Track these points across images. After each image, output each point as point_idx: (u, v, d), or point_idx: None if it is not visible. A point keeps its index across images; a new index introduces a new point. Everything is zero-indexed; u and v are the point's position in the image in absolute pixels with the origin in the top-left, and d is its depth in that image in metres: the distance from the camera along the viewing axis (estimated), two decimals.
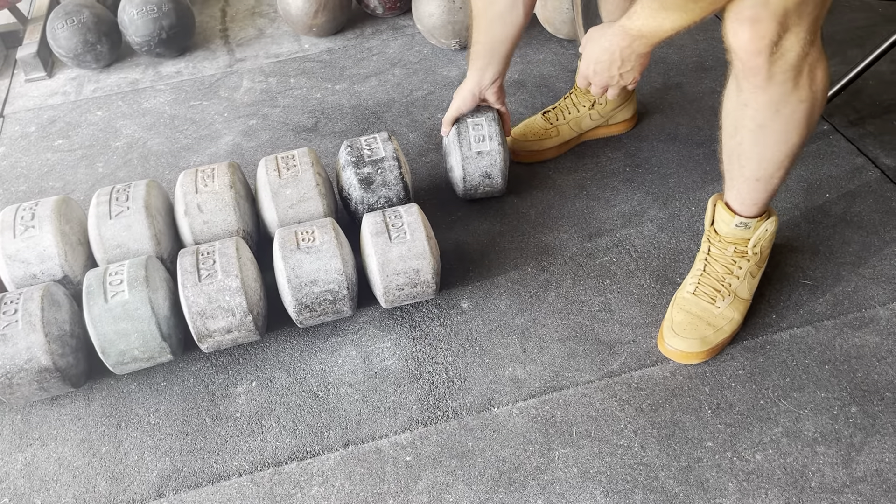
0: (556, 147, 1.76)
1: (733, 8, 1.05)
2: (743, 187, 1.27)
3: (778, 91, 1.09)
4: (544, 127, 1.75)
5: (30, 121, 2.09)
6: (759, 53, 1.05)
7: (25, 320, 1.27)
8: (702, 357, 1.31)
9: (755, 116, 1.14)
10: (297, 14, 2.18)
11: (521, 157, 1.77)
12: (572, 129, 1.75)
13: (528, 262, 1.54)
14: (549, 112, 1.77)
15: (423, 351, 1.40)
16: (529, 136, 1.75)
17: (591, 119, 1.75)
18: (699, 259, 1.38)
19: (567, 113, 1.75)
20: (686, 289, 1.37)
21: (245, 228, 1.48)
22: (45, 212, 1.43)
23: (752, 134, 1.17)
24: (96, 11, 2.17)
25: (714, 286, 1.34)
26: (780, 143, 1.17)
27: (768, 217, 1.32)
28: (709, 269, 1.36)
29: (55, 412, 1.36)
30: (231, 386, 1.38)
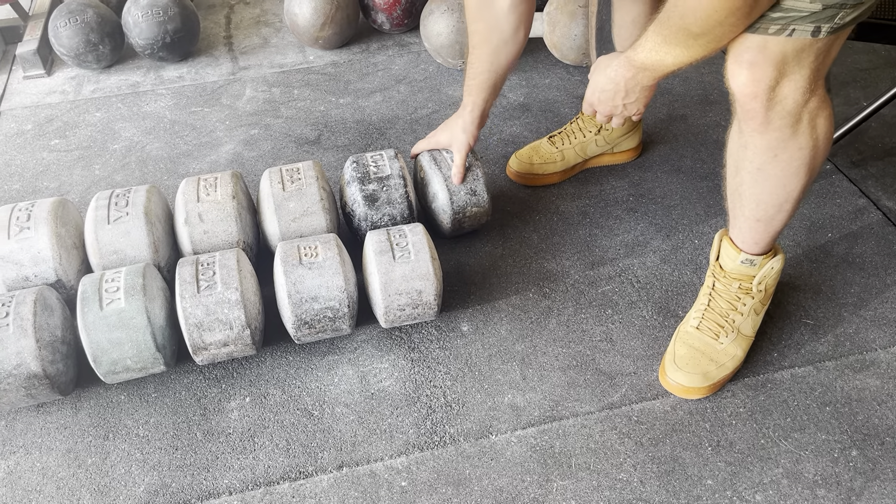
0: (561, 172, 1.76)
1: (733, 50, 1.06)
2: (744, 226, 1.27)
3: (775, 136, 1.10)
4: (549, 151, 1.75)
5: (26, 118, 2.05)
6: (756, 97, 1.05)
7: (17, 324, 1.24)
8: (703, 392, 1.30)
9: (754, 159, 1.15)
10: (304, 25, 2.16)
11: (526, 181, 1.76)
12: (577, 154, 1.75)
13: (529, 287, 1.52)
14: (555, 136, 1.77)
15: (422, 373, 1.37)
16: (535, 160, 1.75)
17: (597, 145, 1.75)
18: (703, 293, 1.38)
19: (573, 138, 1.75)
20: (689, 323, 1.36)
21: (246, 240, 1.46)
22: (41, 213, 1.40)
23: (751, 175, 1.17)
24: (100, 11, 2.14)
25: (718, 322, 1.33)
26: (778, 188, 1.17)
27: (774, 255, 1.31)
28: (713, 304, 1.35)
29: (41, 420, 1.32)
30: (224, 400, 1.35)
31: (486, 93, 1.48)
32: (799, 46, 1.01)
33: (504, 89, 2.07)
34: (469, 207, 1.53)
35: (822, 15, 0.98)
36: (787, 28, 0.99)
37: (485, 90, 1.48)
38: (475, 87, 1.48)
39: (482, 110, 1.51)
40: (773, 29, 1.00)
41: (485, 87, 1.47)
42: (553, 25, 2.05)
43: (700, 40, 1.05)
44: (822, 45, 1.01)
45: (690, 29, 1.03)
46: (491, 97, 1.50)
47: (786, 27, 0.99)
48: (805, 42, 1.00)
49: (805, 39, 1.00)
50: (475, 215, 1.55)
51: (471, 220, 1.55)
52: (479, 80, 1.47)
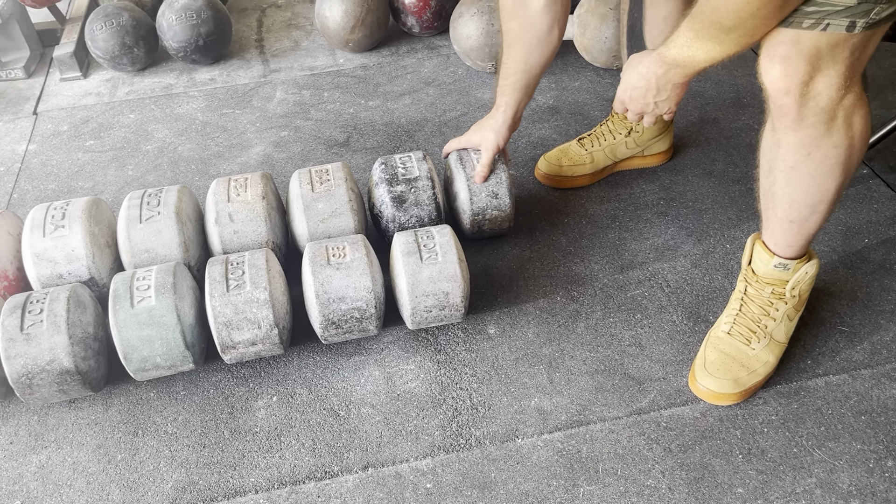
0: (590, 174, 1.74)
1: (767, 45, 1.04)
2: (777, 228, 1.24)
3: (809, 133, 1.08)
4: (579, 153, 1.74)
5: (63, 119, 2.09)
6: (789, 92, 1.04)
7: (51, 321, 1.26)
8: (734, 399, 1.28)
9: (787, 157, 1.12)
10: (334, 28, 2.18)
11: (554, 183, 1.75)
12: (607, 156, 1.74)
13: (557, 290, 1.51)
14: (585, 138, 1.76)
15: (448, 375, 1.37)
16: (564, 162, 1.74)
17: (627, 147, 1.73)
18: (735, 298, 1.35)
19: (603, 140, 1.73)
20: (720, 328, 1.34)
21: (275, 240, 1.47)
22: (75, 212, 1.42)
23: (784, 175, 1.15)
24: (135, 15, 2.18)
25: (750, 327, 1.31)
26: (811, 187, 1.14)
27: (808, 260, 1.29)
28: (745, 309, 1.32)
29: (72, 415, 1.34)
30: (251, 399, 1.35)
31: (519, 93, 1.48)
32: (833, 41, 0.99)
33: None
34: (489, 210, 1.52)
35: (857, 10, 0.96)
36: (821, 22, 0.97)
37: (518, 91, 1.47)
38: (508, 88, 1.47)
39: (515, 111, 1.50)
40: (807, 23, 0.98)
41: (518, 87, 1.47)
42: (583, 28, 2.04)
43: (732, 34, 1.03)
44: (858, 40, 0.99)
45: (722, 23, 1.02)
46: (524, 98, 1.49)
47: (820, 21, 0.97)
48: (840, 37, 0.98)
49: (840, 34, 0.98)
50: (495, 219, 1.54)
51: (491, 223, 1.54)
52: (511, 81, 1.46)
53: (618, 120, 1.73)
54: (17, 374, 1.25)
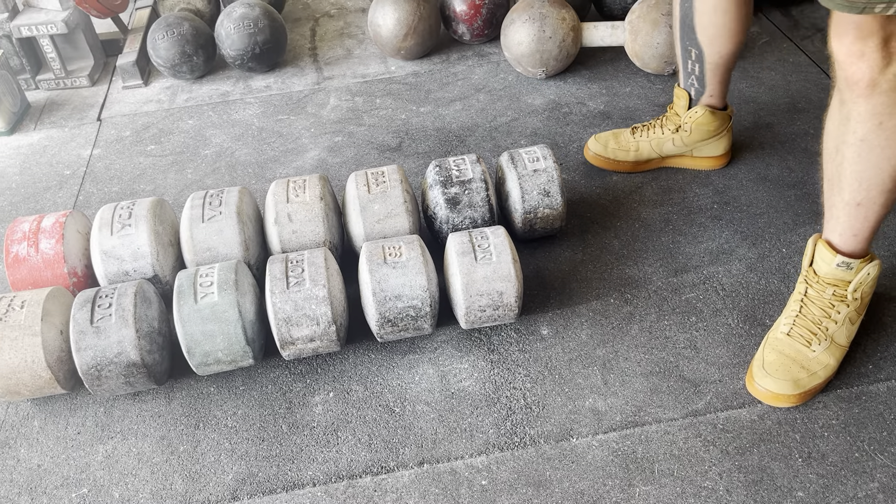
0: (632, 163, 1.77)
1: (837, 17, 1.03)
2: (842, 215, 1.21)
3: (882, 101, 1.05)
4: (627, 140, 1.77)
5: (125, 125, 2.16)
6: (863, 56, 1.02)
7: (119, 314, 1.30)
8: (793, 401, 1.26)
9: (857, 129, 1.09)
10: (387, 36, 2.22)
11: (598, 163, 1.80)
12: (653, 149, 1.75)
13: (610, 293, 1.51)
14: (638, 128, 1.79)
15: (501, 375, 1.38)
16: (611, 145, 1.78)
17: (674, 144, 1.74)
18: (794, 300, 1.33)
19: (651, 132, 1.76)
20: (780, 329, 1.32)
21: (332, 240, 1.50)
22: (141, 211, 1.47)
23: (854, 150, 1.12)
24: (195, 24, 2.25)
25: (810, 329, 1.29)
26: (882, 160, 1.11)
27: (871, 261, 1.27)
28: (805, 310, 1.30)
29: (137, 407, 1.39)
30: (308, 395, 1.38)
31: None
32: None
33: (583, 97, 2.07)
34: (541, 208, 1.53)
35: None
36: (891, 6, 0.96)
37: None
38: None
39: None
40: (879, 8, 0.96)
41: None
42: (635, 34, 2.04)
43: None
44: None
45: None
46: None
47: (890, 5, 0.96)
48: None
49: None
50: (547, 217, 1.55)
51: (542, 221, 1.56)
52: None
53: (672, 115, 1.74)
54: (86, 365, 1.29)
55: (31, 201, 1.91)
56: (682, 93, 1.70)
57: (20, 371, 1.30)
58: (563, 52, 2.06)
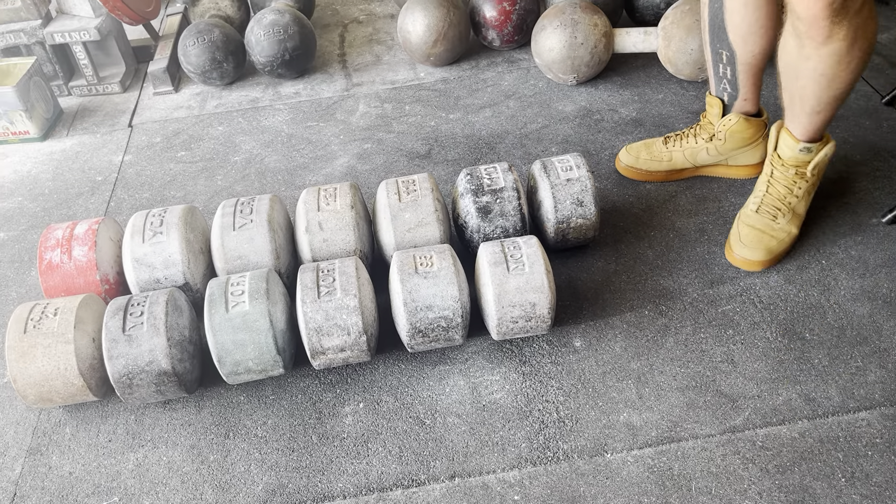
0: (665, 172, 1.76)
1: None
2: (805, 120, 1.43)
3: (838, 47, 1.25)
4: (660, 150, 1.76)
5: (156, 132, 2.17)
6: (825, 17, 1.20)
7: (150, 323, 1.30)
8: (765, 265, 1.51)
9: (817, 67, 1.29)
10: (416, 43, 2.21)
11: (631, 174, 1.79)
12: (686, 159, 1.73)
13: (645, 304, 1.48)
14: (671, 137, 1.77)
15: (533, 387, 1.36)
16: (643, 155, 1.76)
17: (708, 153, 1.71)
18: (761, 181, 1.55)
19: (685, 141, 1.74)
20: (749, 206, 1.55)
21: (362, 249, 1.49)
22: (172, 219, 1.47)
23: (813, 81, 1.33)
24: (225, 31, 2.25)
25: (775, 205, 1.52)
26: (839, 84, 1.32)
27: (827, 143, 1.48)
28: (771, 189, 1.53)
29: (167, 416, 1.38)
30: (338, 405, 1.37)
31: None
32: None
33: (615, 104, 2.05)
34: (574, 218, 1.51)
35: None
36: None
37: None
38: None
39: None
40: None
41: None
42: (668, 40, 2.01)
43: None
44: None
45: None
46: None
47: None
48: None
49: None
50: (580, 227, 1.52)
51: (575, 232, 1.53)
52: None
53: (706, 124, 1.71)
54: (118, 373, 1.29)
55: (63, 207, 1.92)
56: (715, 100, 1.67)
57: (53, 378, 1.31)
58: (594, 58, 2.03)
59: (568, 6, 2.04)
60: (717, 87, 1.66)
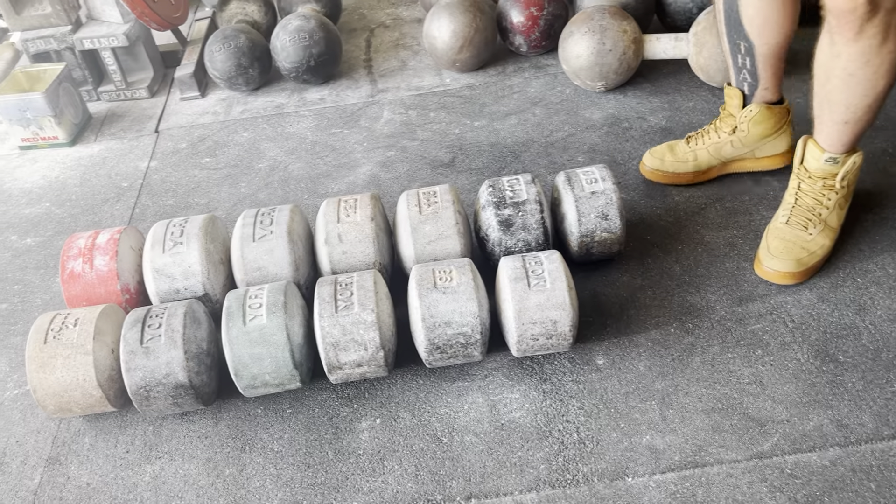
0: (693, 173, 1.72)
1: None
2: (832, 130, 1.39)
3: (868, 44, 1.22)
4: (683, 151, 1.73)
5: (182, 137, 2.18)
6: (855, 10, 1.18)
7: (168, 335, 1.30)
8: (798, 278, 1.45)
9: (847, 66, 1.27)
10: (442, 48, 2.18)
11: (657, 178, 1.75)
12: (712, 156, 1.70)
13: (670, 321, 1.44)
14: (693, 136, 1.74)
15: (554, 406, 1.33)
16: (667, 158, 1.73)
17: (733, 147, 1.68)
18: (789, 194, 1.51)
19: (707, 138, 1.71)
20: (779, 220, 1.50)
21: (382, 261, 1.47)
22: (193, 229, 1.47)
23: (842, 81, 1.30)
24: (251, 37, 2.25)
25: (805, 216, 1.48)
26: (868, 90, 1.30)
27: (854, 152, 1.44)
28: (800, 202, 1.49)
29: (184, 428, 1.38)
30: (355, 420, 1.35)
31: None
32: None
33: (643, 112, 2.00)
34: (598, 232, 1.47)
35: None
36: None
37: None
38: None
39: None
40: None
41: None
42: (700, 46, 1.96)
43: None
44: None
45: None
46: None
47: None
48: None
49: None
50: (604, 242, 1.49)
51: (600, 246, 1.49)
52: None
53: (725, 116, 1.69)
54: (135, 386, 1.29)
55: (89, 213, 1.94)
56: (735, 91, 1.66)
57: (72, 389, 1.31)
58: (623, 65, 1.99)
59: (596, 12, 2.00)
60: (737, 78, 1.66)
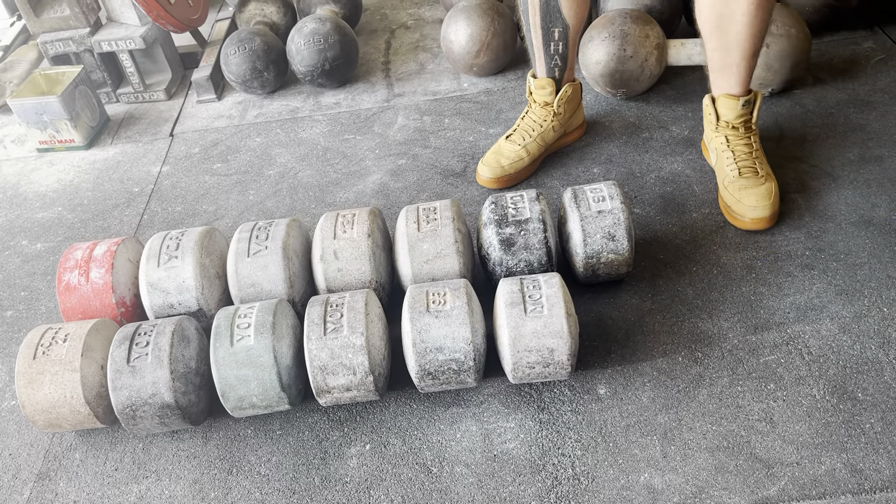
0: (530, 166, 1.80)
1: None
2: (743, 68, 1.53)
3: None
4: (514, 150, 1.78)
5: (195, 142, 2.17)
6: None
7: (154, 354, 1.27)
8: (773, 220, 1.55)
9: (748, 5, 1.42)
10: (459, 53, 2.12)
11: (502, 184, 1.78)
12: (540, 145, 1.79)
13: (679, 349, 1.37)
14: (513, 135, 1.81)
15: (550, 438, 1.27)
16: (503, 162, 1.78)
17: (555, 130, 1.81)
18: (724, 152, 1.60)
19: (532, 131, 1.79)
20: (729, 177, 1.58)
21: (378, 279, 1.43)
22: (188, 243, 1.44)
23: (748, 15, 1.43)
24: (267, 40, 2.22)
25: (750, 164, 1.57)
26: (768, 14, 1.45)
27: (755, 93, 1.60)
28: (738, 153, 1.59)
29: (174, 446, 1.36)
30: (344, 445, 1.31)
31: None
32: None
33: (666, 121, 1.92)
34: (605, 253, 1.40)
35: None
36: None
37: None
38: None
39: None
40: None
41: None
42: None
43: None
44: None
45: None
46: None
47: None
48: None
49: None
50: (611, 263, 1.42)
51: (606, 267, 1.42)
52: None
53: (538, 108, 1.80)
54: (122, 405, 1.27)
55: (99, 219, 1.93)
56: (547, 81, 1.77)
57: (60, 406, 1.30)
58: (645, 72, 1.90)
59: (618, 16, 1.91)
60: (548, 67, 1.76)
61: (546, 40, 1.71)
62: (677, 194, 1.69)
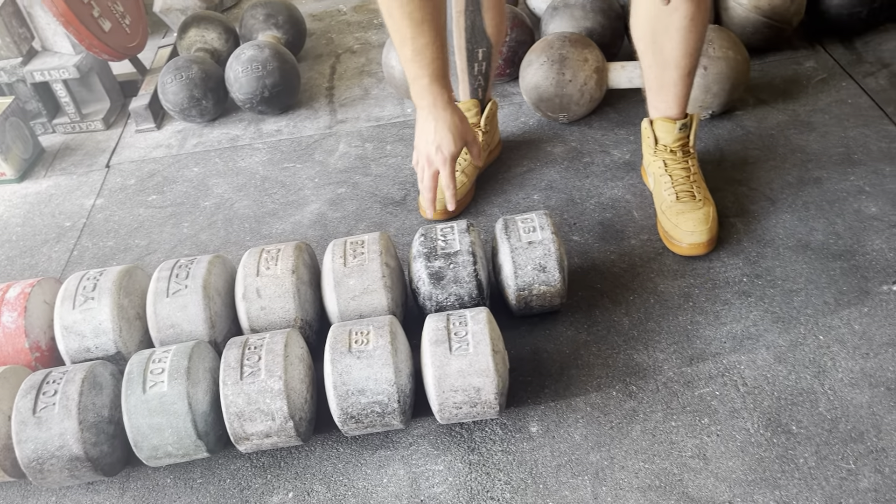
0: (470, 191, 1.79)
1: None
2: (677, 88, 1.53)
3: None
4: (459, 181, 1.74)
5: (131, 173, 2.11)
6: None
7: (62, 404, 1.21)
8: (711, 246, 1.52)
9: (686, 13, 1.39)
10: (400, 78, 2.09)
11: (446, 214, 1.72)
12: (475, 166, 1.78)
13: (613, 383, 1.33)
14: None
15: (479, 481, 1.22)
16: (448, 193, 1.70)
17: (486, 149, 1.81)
18: (663, 176, 1.59)
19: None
20: (667, 201, 1.56)
21: (304, 317, 1.38)
22: (106, 283, 1.39)
23: (681, 31, 1.42)
24: (205, 67, 2.17)
25: (687, 189, 1.56)
26: (701, 31, 1.45)
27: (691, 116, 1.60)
28: (675, 176, 1.58)
29: (88, 499, 1.29)
30: (266, 494, 1.26)
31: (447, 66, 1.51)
32: None
33: (608, 144, 1.89)
34: (536, 285, 1.36)
35: None
36: None
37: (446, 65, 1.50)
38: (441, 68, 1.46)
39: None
40: None
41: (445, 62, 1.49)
42: None
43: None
44: None
45: None
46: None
47: None
48: None
49: None
50: (543, 295, 1.38)
51: (539, 299, 1.39)
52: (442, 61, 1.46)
53: None
54: (27, 458, 1.21)
55: (27, 255, 1.87)
56: (473, 102, 1.79)
57: None
58: (584, 96, 1.88)
59: (556, 40, 1.89)
60: (472, 88, 1.78)
61: (470, 61, 1.72)
62: (616, 220, 1.66)
